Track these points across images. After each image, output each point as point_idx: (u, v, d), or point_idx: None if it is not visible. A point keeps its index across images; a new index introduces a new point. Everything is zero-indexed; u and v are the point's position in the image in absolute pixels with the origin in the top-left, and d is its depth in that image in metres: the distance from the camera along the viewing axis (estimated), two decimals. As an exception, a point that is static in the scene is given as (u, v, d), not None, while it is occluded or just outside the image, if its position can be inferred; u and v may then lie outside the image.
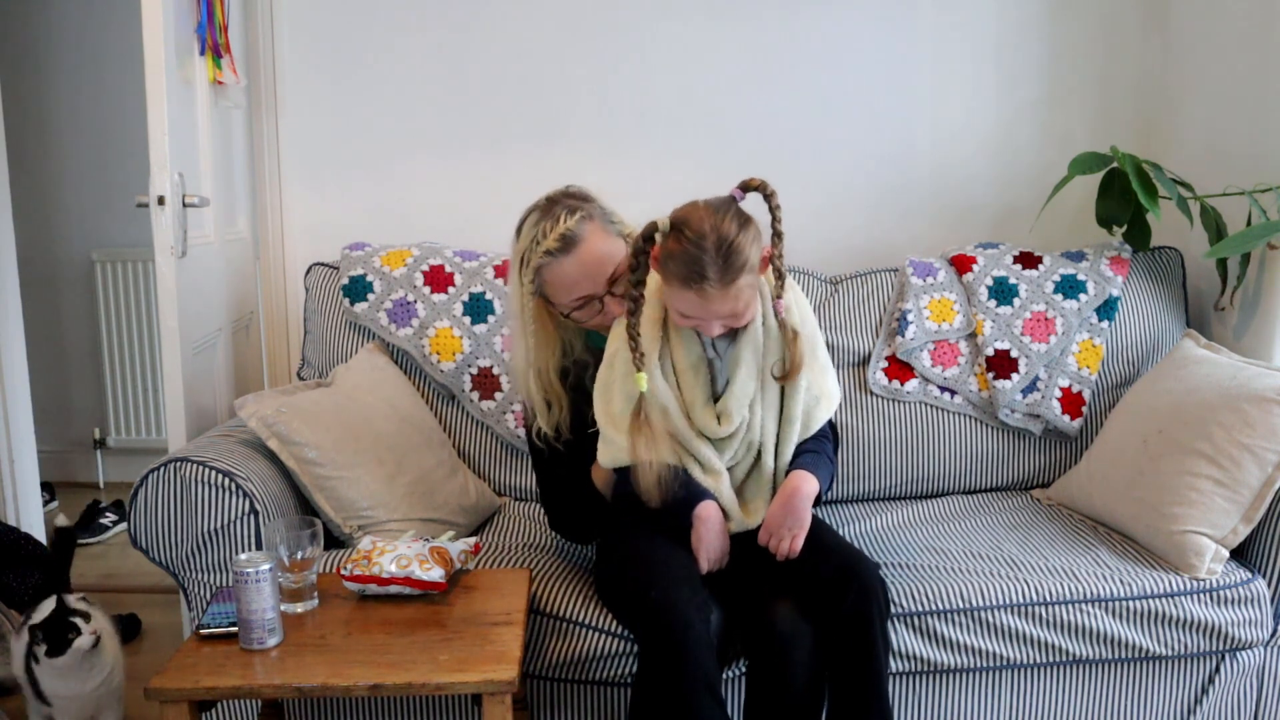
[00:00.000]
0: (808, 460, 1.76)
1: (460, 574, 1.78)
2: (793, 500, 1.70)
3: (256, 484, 1.87)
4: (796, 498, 1.70)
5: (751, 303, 1.70)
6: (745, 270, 1.64)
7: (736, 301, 1.66)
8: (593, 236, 1.79)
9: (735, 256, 1.62)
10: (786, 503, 1.70)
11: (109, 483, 4.05)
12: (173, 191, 2.20)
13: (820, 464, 1.76)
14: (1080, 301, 2.41)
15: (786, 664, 1.66)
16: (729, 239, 1.62)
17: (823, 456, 1.78)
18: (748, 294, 1.67)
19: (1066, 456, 2.40)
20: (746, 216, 1.67)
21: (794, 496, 1.70)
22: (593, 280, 1.80)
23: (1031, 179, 2.70)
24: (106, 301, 3.94)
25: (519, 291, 1.84)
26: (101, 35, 3.81)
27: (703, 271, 1.62)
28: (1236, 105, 2.43)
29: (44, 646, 1.89)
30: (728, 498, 1.77)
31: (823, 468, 1.76)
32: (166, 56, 2.17)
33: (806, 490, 1.71)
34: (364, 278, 2.41)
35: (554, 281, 1.80)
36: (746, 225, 1.65)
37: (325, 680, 1.45)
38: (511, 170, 2.74)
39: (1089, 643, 1.86)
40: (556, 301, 1.83)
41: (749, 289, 1.66)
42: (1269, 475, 1.90)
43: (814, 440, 1.79)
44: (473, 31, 2.72)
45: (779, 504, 1.71)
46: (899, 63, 2.73)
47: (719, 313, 1.67)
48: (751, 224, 1.66)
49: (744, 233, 1.64)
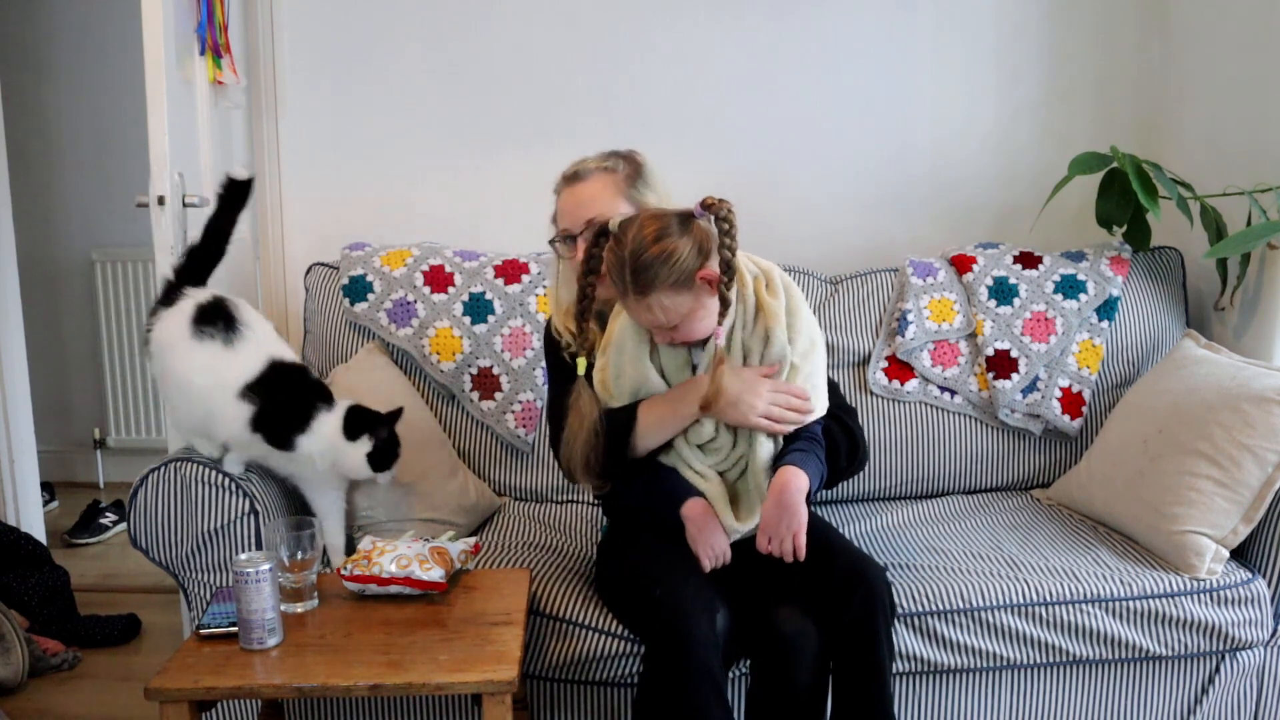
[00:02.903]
0: (796, 457, 1.73)
1: (460, 574, 1.78)
2: (784, 495, 1.67)
3: (256, 484, 1.87)
4: (787, 492, 1.67)
5: (691, 319, 1.68)
6: (658, 285, 1.63)
7: (654, 314, 1.66)
8: (596, 182, 1.85)
9: (647, 271, 1.62)
10: (779, 499, 1.67)
11: (109, 483, 4.05)
12: (173, 191, 2.20)
13: (809, 461, 1.73)
14: (1080, 301, 2.41)
15: (790, 665, 1.65)
16: (641, 250, 1.63)
17: (811, 455, 1.76)
18: (675, 309, 1.66)
19: (1066, 456, 2.40)
20: (689, 233, 1.65)
21: (784, 491, 1.67)
22: (573, 217, 1.86)
23: (1031, 179, 2.69)
24: (106, 301, 3.94)
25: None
26: (101, 35, 3.82)
27: (620, 280, 1.65)
28: (1236, 105, 2.43)
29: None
30: (717, 498, 1.77)
31: (811, 465, 1.73)
32: (166, 56, 2.17)
33: (797, 484, 1.68)
34: (364, 278, 2.41)
35: (557, 208, 1.91)
36: (677, 239, 1.64)
37: (325, 680, 1.45)
38: (511, 170, 2.74)
39: (1089, 643, 1.86)
40: (554, 228, 1.92)
41: (674, 305, 1.65)
42: (1269, 475, 1.90)
43: (804, 440, 1.77)
44: (473, 32, 2.72)
45: (771, 503, 1.68)
46: (899, 63, 2.73)
47: (644, 321, 1.71)
48: (685, 240, 1.64)
49: (666, 245, 1.63)
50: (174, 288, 1.89)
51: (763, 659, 1.69)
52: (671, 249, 1.63)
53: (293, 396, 1.86)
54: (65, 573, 2.78)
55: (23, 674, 2.43)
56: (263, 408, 1.82)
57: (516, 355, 2.36)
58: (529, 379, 2.34)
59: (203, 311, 1.85)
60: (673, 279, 1.63)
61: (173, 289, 1.89)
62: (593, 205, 1.85)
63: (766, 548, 1.68)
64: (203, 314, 1.84)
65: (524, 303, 2.39)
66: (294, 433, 1.84)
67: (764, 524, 1.69)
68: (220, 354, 1.83)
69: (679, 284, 1.64)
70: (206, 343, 1.82)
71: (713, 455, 1.79)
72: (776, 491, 1.68)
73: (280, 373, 1.86)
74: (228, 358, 1.83)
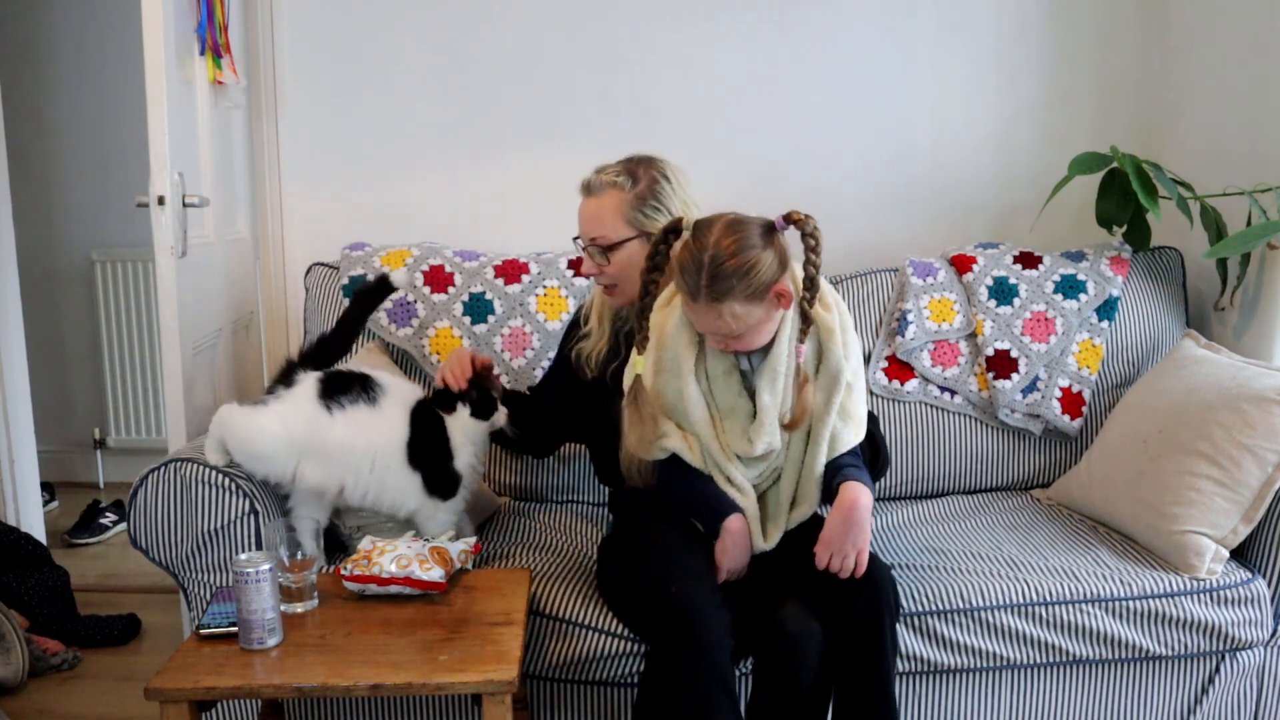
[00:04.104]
0: (854, 473, 1.70)
1: (460, 574, 1.78)
2: (853, 514, 1.64)
3: (256, 484, 1.87)
4: (856, 510, 1.64)
5: (756, 329, 1.67)
6: (733, 295, 1.61)
7: (723, 321, 1.64)
8: (603, 199, 1.87)
9: (723, 279, 1.60)
10: (847, 517, 1.64)
11: (109, 483, 4.05)
12: (173, 191, 2.20)
13: (864, 476, 1.71)
14: (1080, 301, 2.41)
15: (794, 663, 1.65)
16: (722, 259, 1.60)
17: (864, 470, 1.74)
18: (745, 319, 1.64)
19: (1066, 456, 2.40)
20: (771, 246, 1.64)
21: (854, 509, 1.64)
22: (582, 229, 1.90)
23: (1031, 179, 2.70)
24: (106, 301, 3.94)
25: None
26: (101, 35, 3.82)
27: (692, 283, 1.63)
28: (1236, 105, 2.43)
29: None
30: (753, 515, 1.76)
31: (867, 479, 1.71)
32: (166, 56, 2.17)
33: (864, 502, 1.65)
34: (364, 278, 2.40)
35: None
36: (759, 252, 1.62)
37: (325, 680, 1.45)
38: (511, 171, 2.75)
39: (1089, 643, 1.86)
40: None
41: (745, 315, 1.63)
42: (1269, 475, 1.90)
43: (848, 454, 1.74)
44: (474, 32, 2.72)
45: (839, 519, 1.65)
46: (899, 63, 2.73)
47: (708, 327, 1.68)
48: (768, 253, 1.63)
49: (747, 258, 1.61)
50: (293, 369, 1.87)
51: (766, 658, 1.69)
52: (754, 262, 1.61)
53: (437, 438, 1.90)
54: (65, 573, 2.78)
55: (23, 674, 2.43)
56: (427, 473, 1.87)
57: (516, 355, 2.36)
58: (529, 379, 2.34)
59: (332, 384, 1.85)
60: (749, 291, 1.62)
61: (292, 370, 1.87)
62: (594, 224, 1.87)
63: (825, 562, 1.66)
64: (332, 386, 1.85)
65: (524, 303, 2.39)
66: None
67: (827, 539, 1.66)
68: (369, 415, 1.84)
69: (753, 296, 1.62)
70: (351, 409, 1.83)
71: (755, 467, 1.77)
72: (846, 509, 1.65)
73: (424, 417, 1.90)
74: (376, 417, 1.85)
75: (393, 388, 1.90)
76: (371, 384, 1.87)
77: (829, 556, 1.65)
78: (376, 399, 1.85)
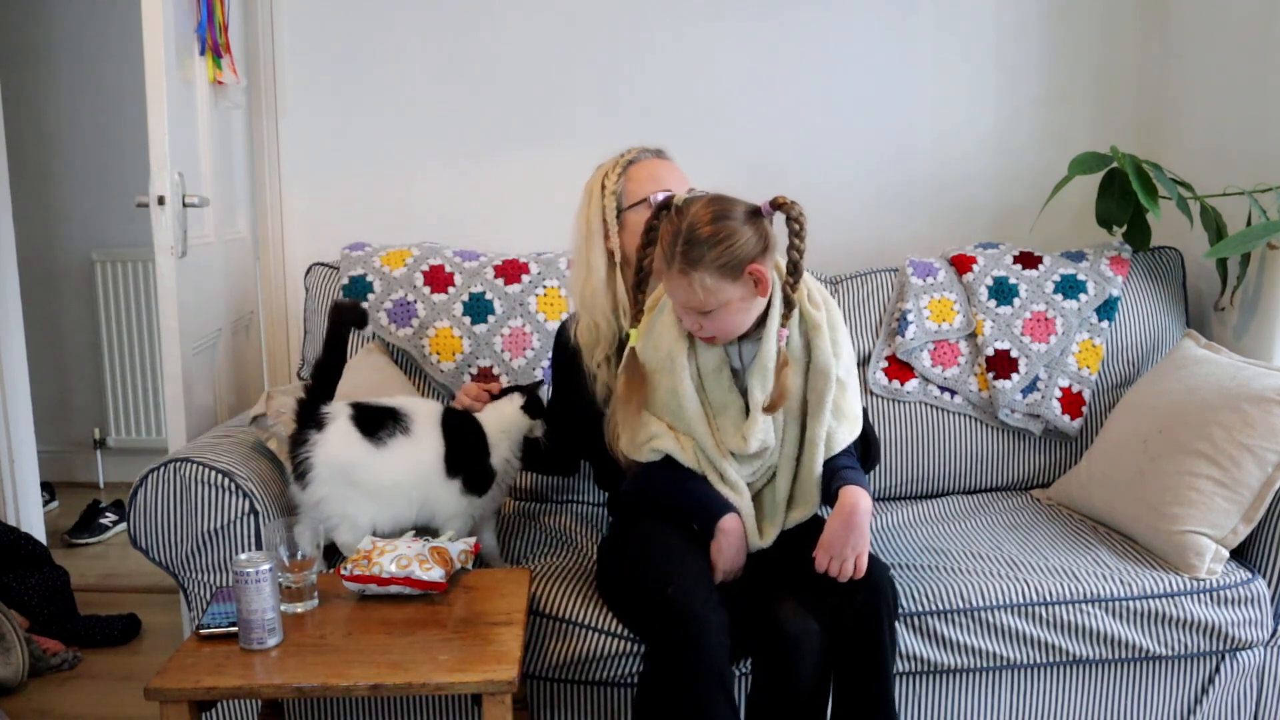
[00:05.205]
0: (851, 475, 1.70)
1: (460, 574, 1.78)
2: (853, 518, 1.64)
3: (256, 484, 1.87)
4: (857, 514, 1.64)
5: (729, 311, 1.67)
6: (704, 264, 1.61)
7: (692, 292, 1.64)
8: (669, 163, 1.97)
9: (696, 245, 1.61)
10: (847, 520, 1.64)
11: (109, 483, 4.05)
12: (173, 191, 2.20)
13: (862, 478, 1.72)
14: (1080, 301, 2.41)
15: (793, 663, 1.65)
16: (697, 226, 1.62)
17: (860, 472, 1.74)
18: (715, 294, 1.64)
19: (1066, 456, 2.40)
20: (752, 224, 1.64)
21: (854, 514, 1.64)
22: (663, 182, 1.91)
23: (1031, 179, 2.70)
24: (106, 301, 3.95)
25: (597, 207, 1.93)
26: (101, 35, 3.82)
27: (670, 251, 1.64)
28: (1236, 105, 2.43)
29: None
30: (748, 513, 1.76)
31: (865, 482, 1.71)
32: (166, 56, 2.17)
33: (864, 506, 1.65)
34: (364, 278, 2.40)
35: (637, 175, 1.92)
36: (737, 225, 1.63)
37: (325, 680, 1.45)
38: (512, 170, 2.75)
39: (1089, 643, 1.86)
40: (630, 196, 1.91)
41: (716, 289, 1.63)
42: (1269, 475, 1.90)
43: (844, 455, 1.75)
44: (474, 31, 2.72)
45: (839, 523, 1.65)
46: (899, 62, 2.74)
47: (679, 298, 1.68)
48: (747, 229, 1.63)
49: (722, 227, 1.62)
50: (312, 407, 1.86)
51: (765, 658, 1.69)
52: (729, 232, 1.62)
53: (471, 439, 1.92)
54: (65, 573, 2.78)
55: (23, 674, 2.43)
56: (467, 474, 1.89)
57: (516, 355, 2.36)
58: (529, 379, 2.34)
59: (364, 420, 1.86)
60: (721, 261, 1.62)
61: (311, 409, 1.86)
62: (665, 177, 1.94)
63: (825, 566, 1.66)
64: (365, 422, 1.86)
65: (524, 303, 2.39)
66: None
67: (827, 542, 1.66)
68: (407, 446, 1.85)
69: (726, 269, 1.63)
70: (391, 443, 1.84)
71: (749, 464, 1.77)
72: (846, 513, 1.65)
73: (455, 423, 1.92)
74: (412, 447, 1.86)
75: (417, 410, 1.91)
76: (400, 415, 1.88)
77: (828, 560, 1.65)
78: (410, 428, 1.87)
